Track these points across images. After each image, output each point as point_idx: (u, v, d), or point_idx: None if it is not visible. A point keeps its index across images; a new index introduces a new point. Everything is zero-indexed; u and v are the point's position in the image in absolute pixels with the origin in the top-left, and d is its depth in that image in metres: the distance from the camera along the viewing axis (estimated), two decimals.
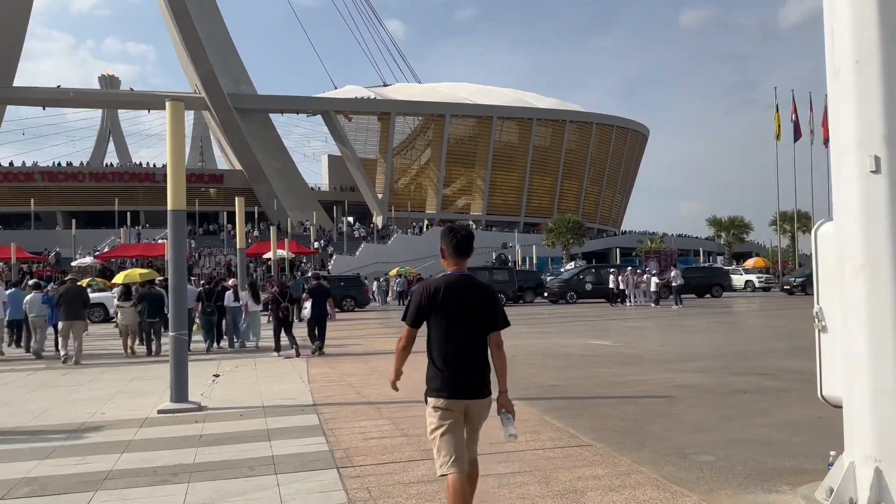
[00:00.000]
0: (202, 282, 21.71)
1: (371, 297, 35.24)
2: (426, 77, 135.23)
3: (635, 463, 5.23)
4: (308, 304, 13.33)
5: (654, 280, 31.47)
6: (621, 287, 30.81)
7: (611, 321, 21.88)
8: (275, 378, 10.43)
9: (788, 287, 38.17)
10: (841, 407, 4.21)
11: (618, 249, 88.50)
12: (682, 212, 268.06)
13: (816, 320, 4.55)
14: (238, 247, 19.45)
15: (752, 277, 46.05)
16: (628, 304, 30.65)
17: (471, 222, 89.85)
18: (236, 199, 20.16)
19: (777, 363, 10.61)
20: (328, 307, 13.99)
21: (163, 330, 13.77)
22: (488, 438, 4.39)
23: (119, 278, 20.08)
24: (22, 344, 16.04)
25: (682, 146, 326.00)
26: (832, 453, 4.35)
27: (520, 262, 51.77)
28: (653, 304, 30.59)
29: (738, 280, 46.50)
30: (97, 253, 48.68)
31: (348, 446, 5.95)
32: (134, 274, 18.28)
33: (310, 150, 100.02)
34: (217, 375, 10.63)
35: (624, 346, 14.02)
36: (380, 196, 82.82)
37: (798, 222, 54.69)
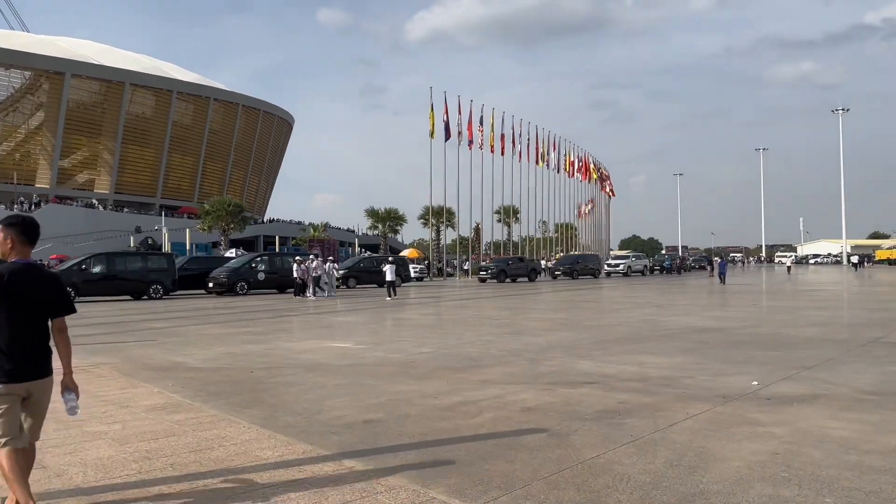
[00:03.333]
0: None
1: None
2: (36, 29, 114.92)
3: None
4: None
5: (336, 269, 29.79)
6: (303, 277, 28.43)
7: (321, 316, 19.43)
8: None
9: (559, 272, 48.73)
10: None
11: (262, 238, 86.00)
12: (317, 203, 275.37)
13: None
14: None
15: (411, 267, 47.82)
16: (308, 294, 28.46)
17: (95, 201, 78.56)
18: None
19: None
20: None
21: None
22: None
23: None
24: None
25: (320, 140, 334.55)
26: None
27: (168, 248, 45.75)
28: (334, 294, 29.04)
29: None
30: None
31: None
32: None
33: None
34: None
35: (369, 347, 11.80)
36: None
37: (442, 217, 58.57)
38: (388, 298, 25.65)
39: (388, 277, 27.06)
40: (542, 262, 56.86)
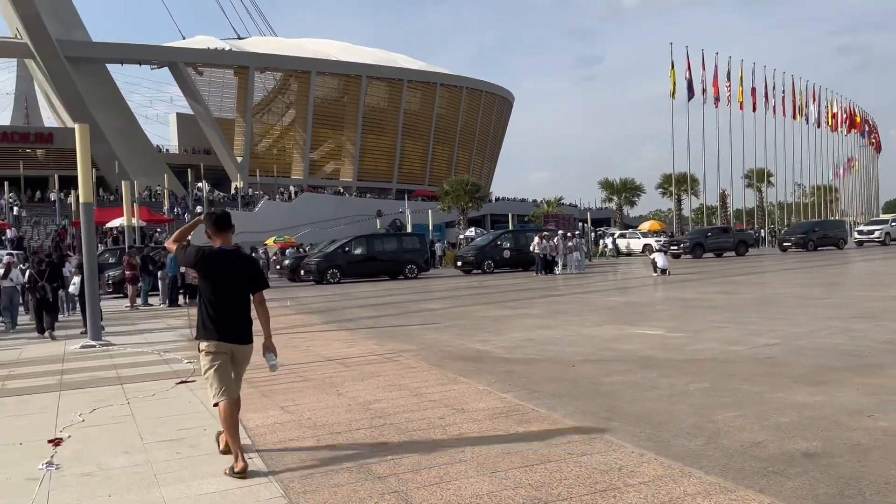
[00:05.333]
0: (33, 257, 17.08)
1: None
2: (282, 33, 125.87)
3: None
4: (77, 280, 12.54)
5: (583, 245, 28.11)
6: (552, 254, 27.13)
7: (590, 295, 17.94)
8: (170, 444, 5.30)
9: (789, 244, 39.99)
10: None
11: (489, 216, 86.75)
12: (534, 179, 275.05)
13: None
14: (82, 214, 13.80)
15: (651, 241, 44.61)
16: (557, 271, 27.12)
17: (341, 188, 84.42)
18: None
19: None
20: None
21: None
22: None
23: None
24: None
25: (535, 116, 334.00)
26: None
27: (410, 229, 47.32)
28: (582, 271, 27.42)
29: (636, 244, 45.04)
30: None
31: None
32: None
33: (153, 112, 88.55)
34: (57, 441, 5.34)
35: (690, 336, 9.95)
36: (239, 159, 75.22)
37: (684, 185, 54.16)
38: (655, 274, 23.20)
39: (661, 263, 23.75)
40: (762, 232, 49.97)
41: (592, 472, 4.17)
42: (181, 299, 19.32)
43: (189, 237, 4.85)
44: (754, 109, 52.42)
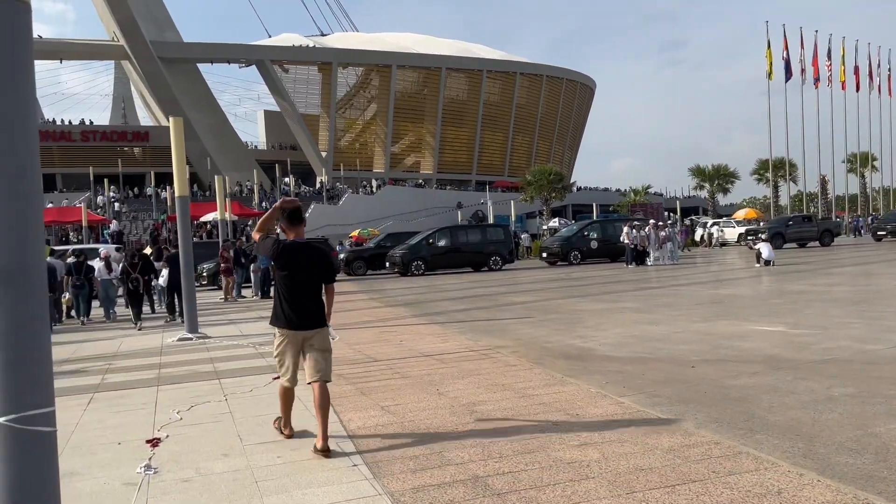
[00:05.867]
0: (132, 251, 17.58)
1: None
2: (363, 28, 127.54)
3: None
4: (165, 273, 12.82)
5: (676, 234, 26.87)
6: (644, 245, 26.04)
7: (690, 287, 17.01)
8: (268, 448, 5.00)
9: (883, 233, 37.63)
10: None
11: (571, 206, 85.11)
12: (615, 169, 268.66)
13: None
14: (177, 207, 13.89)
15: (736, 230, 42.57)
16: (649, 262, 26.02)
17: (421, 181, 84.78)
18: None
19: None
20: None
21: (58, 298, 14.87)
22: None
23: None
24: None
25: (616, 103, 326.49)
26: None
27: (491, 220, 46.84)
28: (676, 262, 26.22)
29: (731, 233, 43.06)
30: None
31: None
32: None
33: (241, 110, 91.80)
34: (155, 442, 5.14)
35: (818, 333, 9.08)
36: (323, 154, 76.61)
37: (781, 170, 51.34)
38: (758, 265, 21.88)
39: (767, 255, 22.04)
40: (859, 221, 46.36)
41: (747, 496, 3.59)
42: (272, 291, 19.49)
43: (273, 226, 5.23)
44: (857, 89, 49.13)
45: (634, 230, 26.08)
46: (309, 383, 4.81)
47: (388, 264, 27.88)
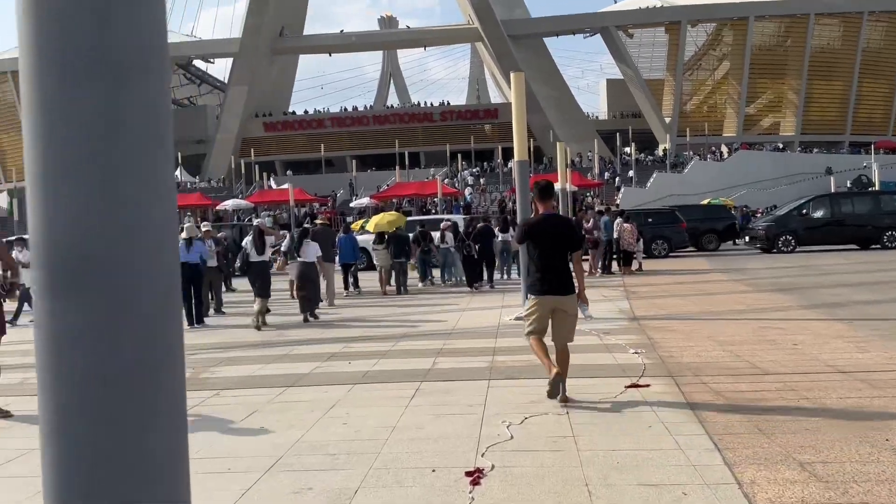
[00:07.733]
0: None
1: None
2: None
3: None
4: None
5: None
6: None
7: None
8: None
9: None
10: None
11: None
12: None
13: None
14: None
15: None
16: None
17: (781, 145, 75.71)
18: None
19: None
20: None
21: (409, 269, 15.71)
22: None
23: (371, 226, 18.91)
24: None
25: None
26: None
27: (878, 187, 38.92)
28: None
29: None
30: (373, 193, 47.44)
31: None
32: (383, 222, 17.30)
33: (584, 82, 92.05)
34: (476, 479, 3.81)
35: None
36: (667, 120, 72.68)
37: None
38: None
39: None
40: None
41: None
42: (614, 266, 17.86)
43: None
44: None
45: None
46: (553, 344, 5.43)
47: (746, 238, 24.44)
